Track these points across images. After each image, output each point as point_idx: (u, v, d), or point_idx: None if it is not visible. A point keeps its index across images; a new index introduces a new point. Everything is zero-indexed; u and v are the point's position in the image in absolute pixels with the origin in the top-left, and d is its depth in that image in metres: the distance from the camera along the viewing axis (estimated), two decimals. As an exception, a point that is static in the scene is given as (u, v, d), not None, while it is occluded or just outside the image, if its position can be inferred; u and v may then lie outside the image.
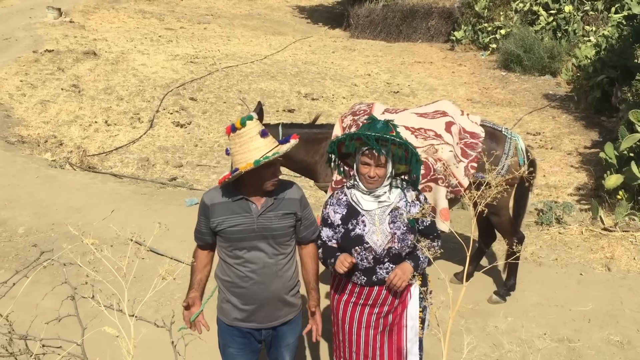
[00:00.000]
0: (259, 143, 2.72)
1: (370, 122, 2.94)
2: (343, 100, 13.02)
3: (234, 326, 2.97)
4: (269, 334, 3.02)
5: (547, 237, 6.33)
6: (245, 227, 2.82)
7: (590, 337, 4.63)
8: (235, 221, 2.82)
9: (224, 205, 2.85)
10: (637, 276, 5.57)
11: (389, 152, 2.87)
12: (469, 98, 13.89)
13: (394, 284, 2.92)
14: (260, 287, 2.88)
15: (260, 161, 2.68)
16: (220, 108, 11.86)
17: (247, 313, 2.93)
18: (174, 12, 22.40)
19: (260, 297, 2.90)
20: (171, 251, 5.64)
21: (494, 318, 4.84)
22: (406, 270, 2.93)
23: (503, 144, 4.70)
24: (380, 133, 2.85)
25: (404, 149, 2.88)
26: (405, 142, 2.88)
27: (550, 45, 15.59)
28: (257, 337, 3.01)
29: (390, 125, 2.92)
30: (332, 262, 2.99)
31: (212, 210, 2.86)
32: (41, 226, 6.43)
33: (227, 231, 2.84)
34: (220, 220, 2.85)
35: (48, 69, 13.12)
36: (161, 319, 2.43)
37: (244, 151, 2.73)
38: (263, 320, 2.96)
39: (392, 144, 2.85)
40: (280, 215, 2.86)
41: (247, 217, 2.83)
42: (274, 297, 2.92)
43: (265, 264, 2.87)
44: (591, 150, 10.39)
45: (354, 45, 19.61)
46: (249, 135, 2.74)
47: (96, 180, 7.93)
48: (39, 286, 4.68)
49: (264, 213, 2.84)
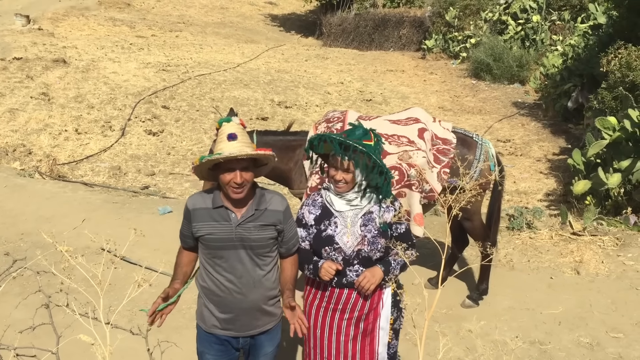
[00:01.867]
0: (224, 145, 2.72)
1: (351, 128, 2.95)
2: (316, 108, 13.08)
3: (212, 333, 2.95)
4: (247, 342, 2.99)
5: (518, 241, 6.44)
6: (223, 236, 2.80)
7: (560, 339, 4.72)
8: (214, 229, 2.81)
9: (204, 212, 2.83)
10: (605, 279, 5.69)
11: (351, 158, 2.86)
12: (440, 106, 14.08)
13: (362, 286, 2.93)
14: (238, 297, 2.86)
15: (203, 158, 2.70)
16: (193, 116, 11.81)
17: (224, 321, 2.90)
18: (145, 19, 22.24)
19: (237, 307, 2.88)
20: (145, 260, 5.58)
21: (468, 322, 4.89)
22: (375, 274, 2.95)
23: (474, 150, 4.77)
24: (355, 139, 2.87)
25: (367, 157, 2.87)
26: (368, 151, 2.86)
27: (519, 54, 15.92)
28: (235, 345, 2.99)
29: (370, 133, 2.92)
30: (311, 268, 2.99)
31: (194, 215, 2.85)
32: (10, 236, 6.31)
33: (206, 238, 2.82)
34: (200, 226, 2.83)
35: (16, 76, 12.90)
36: (137, 327, 2.41)
37: (215, 150, 2.75)
38: (240, 329, 2.93)
39: (353, 151, 2.85)
40: (260, 227, 2.83)
41: (226, 225, 2.81)
42: (252, 307, 2.90)
43: (242, 274, 2.84)
44: (559, 157, 10.61)
45: (327, 53, 19.72)
46: (220, 136, 2.75)
47: (66, 189, 7.82)
48: (9, 297, 4.59)
49: (244, 223, 2.81)
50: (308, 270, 3.02)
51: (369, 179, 2.96)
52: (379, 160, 2.90)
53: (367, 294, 2.98)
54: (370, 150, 2.88)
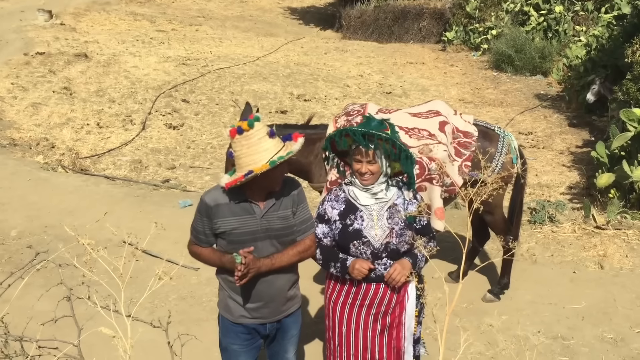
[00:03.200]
0: (268, 144, 2.71)
1: (366, 120, 2.94)
2: (336, 101, 13.04)
3: (240, 323, 2.97)
4: (274, 327, 3.04)
5: (541, 235, 6.36)
6: (249, 229, 2.82)
7: (584, 335, 4.66)
8: (239, 223, 2.81)
9: (226, 207, 2.82)
10: (630, 274, 5.61)
11: (377, 147, 2.86)
12: (461, 98, 13.95)
13: (392, 279, 2.91)
14: (265, 285, 2.89)
15: (275, 162, 2.67)
16: (213, 110, 11.85)
17: (253, 310, 2.94)
18: (165, 14, 22.36)
19: (266, 295, 2.91)
20: (165, 253, 5.61)
21: (489, 316, 4.85)
22: (405, 266, 2.93)
23: (496, 143, 4.72)
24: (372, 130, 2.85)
25: (391, 144, 2.86)
26: (391, 136, 2.85)
27: (541, 45, 15.69)
28: (262, 332, 3.02)
29: (385, 123, 2.92)
30: (338, 266, 2.97)
31: (216, 212, 2.82)
32: (34, 229, 6.40)
33: (231, 233, 2.82)
34: (223, 221, 2.82)
35: (39, 71, 13.05)
36: (157, 320, 2.42)
37: (253, 153, 2.69)
38: (269, 315, 2.97)
39: (378, 139, 2.83)
40: (282, 215, 2.87)
41: (251, 218, 2.82)
42: (278, 294, 2.94)
43: None
44: (582, 150, 10.45)
45: (346, 46, 19.64)
46: (258, 136, 2.71)
47: (89, 183, 7.90)
48: (32, 289, 4.64)
49: (267, 214, 2.84)
50: (335, 268, 2.99)
51: (396, 167, 2.96)
52: (404, 145, 2.89)
53: (398, 285, 2.96)
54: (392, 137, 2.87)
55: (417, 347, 3.22)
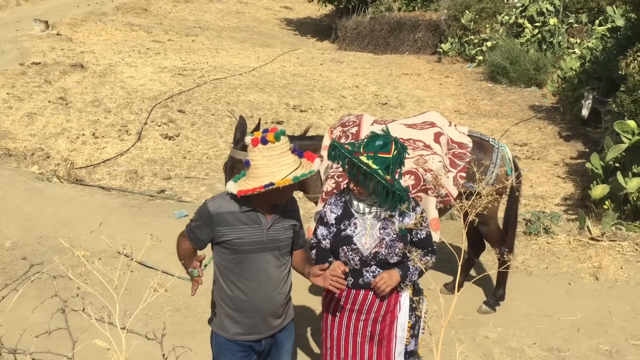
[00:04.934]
0: (290, 159, 2.72)
1: (371, 138, 2.89)
2: (331, 112, 13.07)
3: (235, 340, 2.94)
4: (269, 343, 3.01)
5: (536, 247, 6.37)
6: (254, 239, 2.80)
7: (579, 347, 4.65)
8: (244, 233, 2.79)
9: (231, 215, 2.79)
10: (625, 285, 5.61)
11: (354, 176, 2.84)
12: (456, 109, 14.01)
13: (378, 287, 2.93)
14: (265, 299, 2.87)
15: (298, 178, 2.68)
16: (209, 120, 11.86)
17: (249, 326, 2.90)
18: (161, 24, 22.43)
19: (264, 309, 2.88)
20: (161, 264, 5.60)
21: (484, 328, 4.85)
22: (392, 276, 2.94)
23: (491, 154, 4.73)
24: (371, 151, 2.80)
25: (370, 177, 2.81)
26: (370, 172, 2.79)
27: (535, 57, 15.79)
28: (257, 348, 2.99)
29: (392, 144, 2.84)
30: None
31: (218, 220, 2.79)
32: (28, 240, 6.37)
33: (234, 242, 2.79)
34: (227, 230, 2.79)
35: (35, 81, 13.06)
36: (152, 332, 2.41)
37: (273, 165, 2.69)
38: (264, 330, 2.95)
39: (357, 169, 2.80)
40: (286, 227, 2.88)
41: (257, 229, 2.80)
42: (276, 308, 2.93)
43: (270, 275, 2.86)
44: (577, 161, 10.50)
45: (342, 57, 19.72)
46: (282, 149, 2.72)
47: (84, 193, 7.88)
48: (27, 300, 4.62)
49: (273, 225, 2.84)
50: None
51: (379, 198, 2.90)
52: (385, 182, 2.81)
53: (383, 295, 2.97)
54: (385, 163, 2.80)
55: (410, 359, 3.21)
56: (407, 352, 3.17)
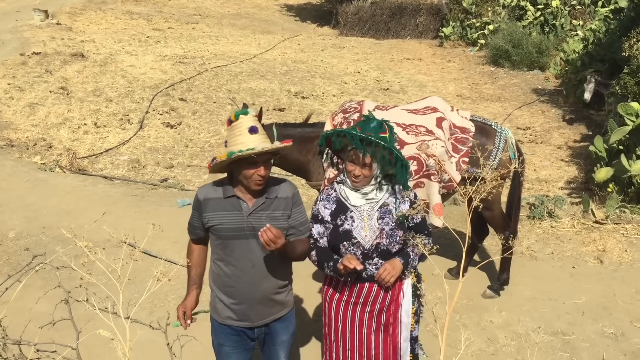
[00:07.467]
0: (245, 138, 2.72)
1: (365, 121, 2.91)
2: (333, 98, 13.02)
3: (227, 324, 2.97)
4: (262, 331, 3.02)
5: (540, 231, 6.36)
6: (234, 226, 2.82)
7: (584, 330, 4.66)
8: (225, 218, 2.83)
9: (215, 202, 2.86)
10: (629, 268, 5.60)
11: (374, 154, 2.83)
12: (458, 94, 13.93)
13: (382, 279, 2.90)
14: (250, 286, 2.88)
15: (233, 153, 2.68)
16: (210, 108, 11.82)
17: (238, 312, 2.93)
18: (161, 12, 22.30)
19: (250, 297, 2.89)
20: (164, 252, 5.61)
21: (489, 313, 4.85)
22: (395, 266, 2.92)
23: (493, 138, 4.71)
24: (371, 133, 2.82)
25: (388, 152, 2.84)
26: (390, 146, 2.82)
27: (538, 40, 15.66)
28: (250, 335, 3.01)
29: (385, 125, 2.89)
30: (331, 265, 2.94)
31: (204, 206, 2.88)
32: (32, 230, 6.38)
33: (217, 228, 2.85)
34: (211, 216, 2.86)
35: (36, 71, 13.02)
36: (156, 321, 2.41)
37: (232, 144, 2.74)
38: (254, 319, 2.95)
39: (376, 146, 2.81)
40: (271, 215, 2.84)
41: (237, 215, 2.82)
42: (265, 297, 2.92)
43: (255, 263, 2.86)
44: (581, 144, 10.45)
45: (343, 42, 19.61)
46: (239, 129, 2.76)
47: (87, 183, 7.88)
48: (31, 290, 4.64)
49: (255, 212, 2.82)
50: (328, 268, 2.97)
51: (391, 173, 2.93)
52: (400, 154, 2.88)
53: (388, 286, 2.95)
54: (388, 143, 2.84)
55: (415, 345, 3.21)
56: (412, 338, 3.17)
